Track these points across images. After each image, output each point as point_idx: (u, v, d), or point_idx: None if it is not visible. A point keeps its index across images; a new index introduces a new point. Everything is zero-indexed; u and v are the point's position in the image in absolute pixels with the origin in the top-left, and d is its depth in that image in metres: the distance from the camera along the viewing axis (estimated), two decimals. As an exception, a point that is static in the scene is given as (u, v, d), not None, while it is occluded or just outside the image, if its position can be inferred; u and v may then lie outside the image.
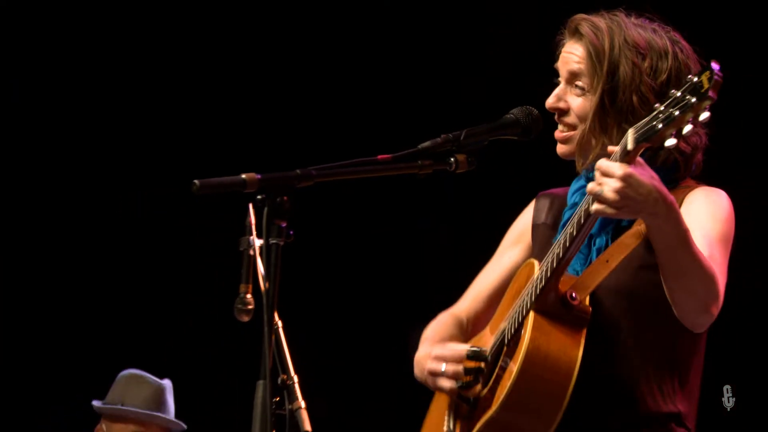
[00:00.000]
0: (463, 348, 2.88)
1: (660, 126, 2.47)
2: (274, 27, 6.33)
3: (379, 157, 2.71)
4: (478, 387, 2.86)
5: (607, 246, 2.77)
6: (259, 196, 2.58)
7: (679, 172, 2.84)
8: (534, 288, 2.73)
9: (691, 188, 2.82)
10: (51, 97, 6.32)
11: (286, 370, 2.59)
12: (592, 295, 2.74)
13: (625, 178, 2.49)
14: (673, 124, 2.45)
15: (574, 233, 2.65)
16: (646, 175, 2.53)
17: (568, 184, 2.98)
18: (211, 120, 6.35)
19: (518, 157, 3.07)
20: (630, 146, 2.51)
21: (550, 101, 2.90)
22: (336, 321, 5.88)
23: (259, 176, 2.57)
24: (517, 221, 3.12)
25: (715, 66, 2.44)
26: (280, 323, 2.58)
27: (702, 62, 2.80)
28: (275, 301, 2.55)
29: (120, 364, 4.99)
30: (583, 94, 2.86)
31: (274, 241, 2.56)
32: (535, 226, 3.02)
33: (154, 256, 6.16)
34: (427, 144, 2.73)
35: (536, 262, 2.80)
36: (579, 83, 2.86)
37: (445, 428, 2.98)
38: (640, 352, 2.77)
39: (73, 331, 6.12)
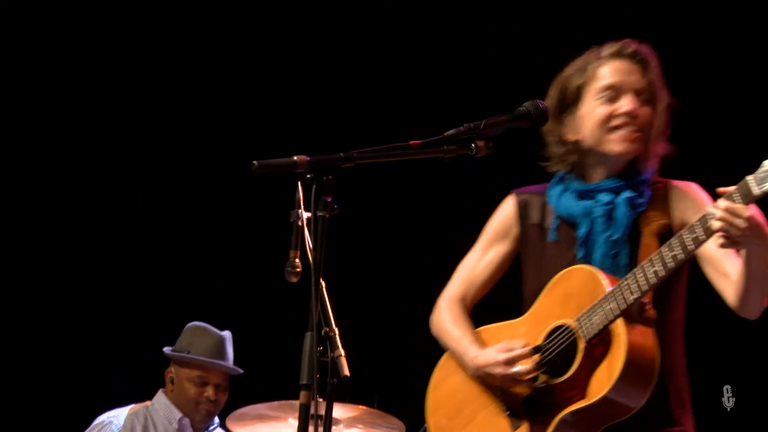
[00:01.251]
0: (526, 349, 3.06)
1: None
2: (274, 31, 6.36)
3: (411, 142, 2.82)
4: (543, 377, 3.05)
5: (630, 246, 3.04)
6: (308, 175, 2.69)
7: (652, 170, 3.13)
8: (623, 297, 2.93)
9: (666, 184, 3.13)
10: (51, 98, 6.33)
11: (328, 324, 2.70)
12: None
13: (749, 220, 2.78)
14: None
15: (683, 257, 2.88)
16: (758, 214, 2.82)
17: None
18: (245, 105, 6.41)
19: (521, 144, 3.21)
20: (757, 193, 2.77)
21: (631, 107, 3.10)
22: (371, 281, 6.00)
23: (308, 158, 2.68)
24: (498, 216, 3.33)
25: None
26: (323, 284, 2.69)
27: None
28: (321, 265, 2.68)
29: (190, 319, 5.13)
30: (647, 107, 3.12)
31: (320, 214, 2.68)
32: (525, 225, 3.25)
33: (219, 234, 6.28)
34: (451, 132, 2.83)
35: (598, 272, 3.00)
36: (643, 98, 3.11)
37: (500, 403, 3.14)
38: (666, 340, 3.05)
39: (158, 289, 6.29)
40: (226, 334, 5.03)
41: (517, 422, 3.10)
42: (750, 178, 2.76)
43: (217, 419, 5.06)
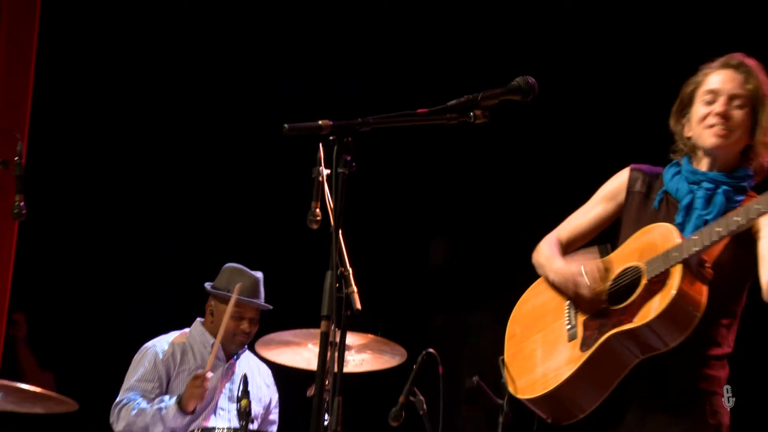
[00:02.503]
0: (602, 271, 3.25)
1: None
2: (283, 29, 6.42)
3: (419, 110, 2.98)
4: (606, 302, 3.22)
5: None
6: (330, 137, 2.86)
7: (753, 184, 3.32)
8: (687, 249, 3.09)
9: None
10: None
11: (344, 264, 2.86)
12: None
13: None
14: None
15: (743, 223, 3.05)
16: None
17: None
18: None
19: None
20: None
21: (721, 109, 3.27)
22: (381, 229, 6.15)
23: (331, 122, 2.86)
24: (611, 182, 3.50)
25: None
26: (339, 230, 2.82)
27: None
28: (341, 214, 2.84)
29: (230, 259, 5.31)
30: (741, 110, 3.28)
31: (341, 170, 2.85)
32: (631, 192, 3.43)
33: (255, 189, 6.42)
34: (453, 102, 3.00)
35: (675, 229, 3.17)
36: (738, 102, 3.29)
37: (565, 319, 3.33)
38: (717, 309, 3.20)
39: (201, 234, 6.45)
40: (260, 275, 5.21)
41: (574, 335, 3.27)
42: None
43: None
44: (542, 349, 3.37)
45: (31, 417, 4.63)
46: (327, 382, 2.90)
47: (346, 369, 4.79)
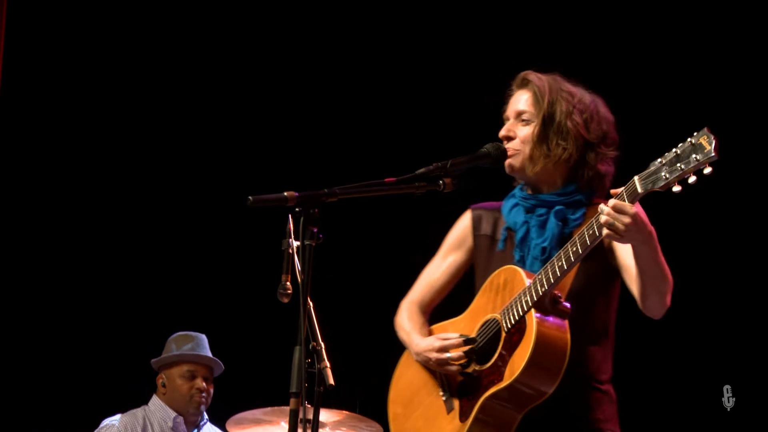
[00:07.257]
0: (459, 338, 2.98)
1: (668, 176, 2.52)
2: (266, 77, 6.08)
3: (386, 180, 2.78)
4: (473, 365, 2.95)
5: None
6: (297, 209, 2.64)
7: (596, 193, 3.00)
8: (535, 290, 2.83)
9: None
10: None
11: (315, 339, 2.64)
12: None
13: (634, 216, 2.62)
14: (679, 176, 2.51)
15: (580, 252, 2.75)
16: (643, 214, 2.67)
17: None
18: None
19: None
20: (640, 190, 2.60)
21: (502, 132, 3.02)
22: (352, 300, 5.81)
23: (296, 194, 2.65)
24: (456, 229, 3.21)
25: (708, 131, 2.47)
26: (311, 304, 2.63)
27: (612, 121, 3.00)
28: (309, 287, 2.62)
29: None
30: (527, 125, 3.00)
31: (308, 242, 2.63)
32: (477, 236, 3.13)
33: (220, 262, 6.09)
34: (422, 170, 2.80)
35: (520, 270, 2.90)
36: (524, 117, 3.01)
37: (442, 395, 3.04)
38: (585, 336, 2.90)
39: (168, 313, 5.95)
40: (203, 335, 4.94)
41: (451, 405, 3.00)
42: (636, 178, 2.61)
43: (206, 415, 4.97)
44: (425, 428, 3.05)
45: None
46: (300, 462, 2.68)
47: (321, 446, 4.47)
